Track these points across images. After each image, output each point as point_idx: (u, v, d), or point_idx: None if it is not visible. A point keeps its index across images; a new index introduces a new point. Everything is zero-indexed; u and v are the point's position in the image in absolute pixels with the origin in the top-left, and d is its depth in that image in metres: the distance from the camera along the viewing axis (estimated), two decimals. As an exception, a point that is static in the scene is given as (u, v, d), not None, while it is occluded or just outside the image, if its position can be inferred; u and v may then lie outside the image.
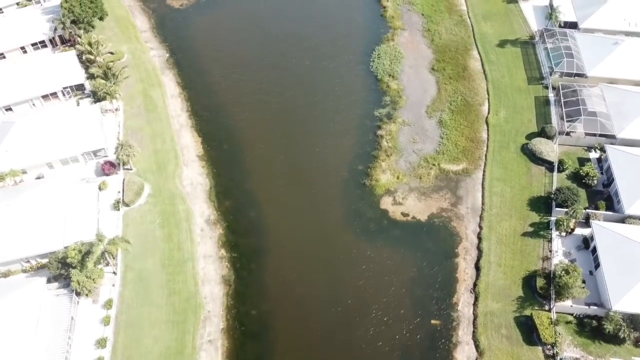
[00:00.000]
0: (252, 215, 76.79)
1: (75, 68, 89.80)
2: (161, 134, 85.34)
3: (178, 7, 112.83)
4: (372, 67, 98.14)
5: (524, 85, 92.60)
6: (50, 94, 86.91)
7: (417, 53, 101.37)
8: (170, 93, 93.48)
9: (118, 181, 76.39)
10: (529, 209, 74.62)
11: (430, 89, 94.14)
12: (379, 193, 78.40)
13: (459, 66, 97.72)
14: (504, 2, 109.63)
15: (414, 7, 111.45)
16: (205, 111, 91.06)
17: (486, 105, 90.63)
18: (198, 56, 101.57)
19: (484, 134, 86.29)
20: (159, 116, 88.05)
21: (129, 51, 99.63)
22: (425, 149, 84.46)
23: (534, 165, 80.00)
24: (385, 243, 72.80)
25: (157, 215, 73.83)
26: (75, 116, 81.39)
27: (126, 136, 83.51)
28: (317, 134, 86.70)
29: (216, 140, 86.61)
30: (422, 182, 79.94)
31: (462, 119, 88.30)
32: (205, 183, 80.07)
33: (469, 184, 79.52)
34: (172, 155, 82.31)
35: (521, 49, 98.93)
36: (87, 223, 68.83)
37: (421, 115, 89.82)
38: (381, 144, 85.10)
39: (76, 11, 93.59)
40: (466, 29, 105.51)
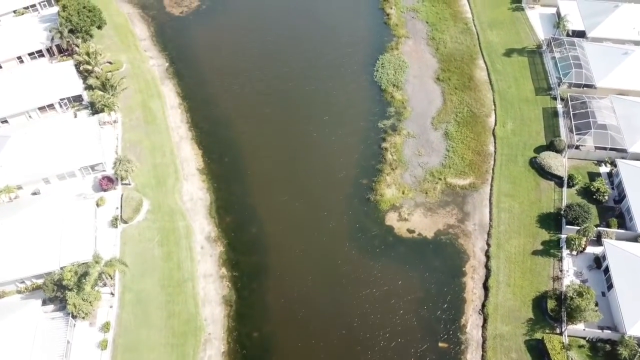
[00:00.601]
0: (254, 231, 74.81)
1: (72, 79, 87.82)
2: (161, 146, 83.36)
3: (178, 15, 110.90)
4: (375, 77, 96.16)
5: (532, 96, 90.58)
6: (47, 105, 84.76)
7: (422, 62, 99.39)
8: (170, 104, 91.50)
9: (116, 197, 74.42)
10: (539, 226, 72.58)
11: (435, 100, 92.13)
12: (384, 208, 76.39)
13: (465, 76, 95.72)
14: (510, 10, 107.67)
15: (418, 14, 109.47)
16: (205, 123, 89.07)
17: (493, 117, 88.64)
18: (198, 65, 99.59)
19: (491, 146, 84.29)
20: (158, 128, 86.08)
21: (128, 60, 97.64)
22: (430, 162, 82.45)
23: (543, 180, 77.98)
24: (391, 261, 70.81)
25: (156, 233, 71.82)
26: (72, 129, 79.41)
27: (125, 150, 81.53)
28: (320, 147, 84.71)
29: (217, 152, 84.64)
30: (428, 197, 77.94)
31: (468, 131, 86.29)
32: (205, 198, 78.08)
33: (476, 199, 77.51)
34: (171, 169, 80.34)
35: (528, 58, 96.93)
36: (84, 242, 66.84)
37: (426, 127, 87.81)
38: (386, 157, 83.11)
39: (74, 20, 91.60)
40: (472, 37, 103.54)
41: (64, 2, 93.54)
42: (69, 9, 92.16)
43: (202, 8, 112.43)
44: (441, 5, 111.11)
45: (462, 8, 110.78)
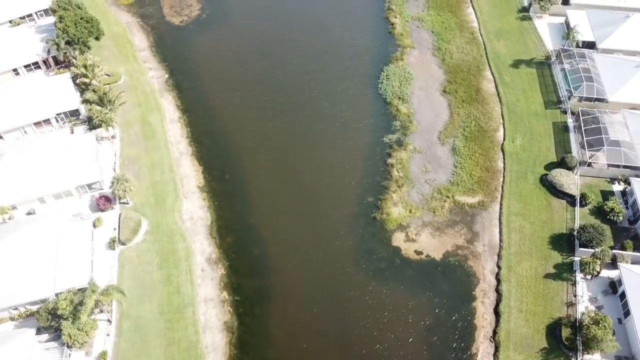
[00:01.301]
0: (256, 252, 72.34)
1: (69, 92, 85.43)
2: (160, 163, 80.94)
3: (178, 24, 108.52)
4: (380, 89, 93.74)
5: (541, 109, 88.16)
6: (42, 120, 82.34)
7: (428, 73, 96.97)
8: (169, 118, 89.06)
9: (114, 217, 72.02)
10: (551, 248, 70.14)
11: (442, 113, 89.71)
12: (391, 228, 73.96)
13: (472, 88, 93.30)
14: (517, 19, 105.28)
15: (424, 23, 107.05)
16: (206, 137, 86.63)
17: (501, 131, 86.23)
18: (198, 77, 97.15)
19: (500, 162, 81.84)
20: (157, 144, 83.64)
21: (127, 72, 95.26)
22: (438, 179, 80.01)
23: (554, 198, 75.54)
24: (399, 285, 68.37)
25: (155, 255, 69.41)
26: (68, 146, 76.94)
27: (123, 167, 79.14)
28: (324, 163, 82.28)
29: (217, 169, 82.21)
30: (436, 216, 75.51)
31: (476, 146, 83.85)
32: (206, 217, 75.61)
33: (486, 219, 75.07)
34: (171, 187, 77.90)
35: (537, 70, 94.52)
36: (80, 266, 64.45)
37: (433, 142, 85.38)
38: (392, 173, 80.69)
39: (71, 32, 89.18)
40: (478, 47, 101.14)
41: (60, 13, 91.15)
42: (66, 20, 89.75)
43: (203, 17, 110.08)
44: (447, 14, 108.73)
45: (468, 17, 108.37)
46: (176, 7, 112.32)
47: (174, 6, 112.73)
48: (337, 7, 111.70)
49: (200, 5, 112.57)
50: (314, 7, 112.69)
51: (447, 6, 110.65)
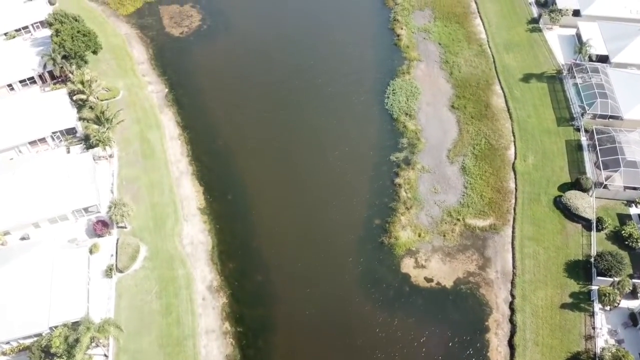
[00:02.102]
0: (259, 279, 69.51)
1: (66, 110, 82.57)
2: (159, 183, 78.05)
3: (178, 36, 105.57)
4: (387, 105, 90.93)
5: (553, 126, 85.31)
6: (38, 139, 79.43)
7: (435, 88, 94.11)
8: (169, 135, 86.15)
9: (111, 243, 69.16)
10: (567, 275, 67.33)
11: (450, 130, 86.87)
12: (399, 254, 71.14)
13: (481, 103, 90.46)
14: (527, 31, 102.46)
15: (430, 35, 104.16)
16: (207, 156, 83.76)
17: (512, 149, 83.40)
18: (199, 91, 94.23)
19: (512, 183, 78.99)
20: (157, 163, 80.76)
21: (125, 87, 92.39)
22: (448, 201, 77.16)
23: (569, 222, 72.76)
24: (409, 315, 65.53)
25: (154, 283, 66.54)
26: (64, 167, 74.05)
27: (121, 188, 76.28)
28: (329, 183, 79.43)
29: (219, 190, 79.34)
30: (446, 240, 72.68)
31: (486, 166, 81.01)
32: (207, 242, 72.75)
33: (498, 243, 72.24)
34: (171, 209, 75.03)
35: (548, 85, 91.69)
36: (76, 297, 61.62)
37: (442, 161, 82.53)
38: (399, 194, 77.86)
39: (67, 46, 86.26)
40: (487, 60, 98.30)
41: (57, 26, 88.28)
42: (63, 34, 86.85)
43: (203, 28, 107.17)
44: (454, 26, 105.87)
45: (475, 28, 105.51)
46: (176, 18, 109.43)
47: (174, 17, 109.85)
48: (342, 17, 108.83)
49: (200, 16, 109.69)
50: (317, 17, 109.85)
51: (454, 17, 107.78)
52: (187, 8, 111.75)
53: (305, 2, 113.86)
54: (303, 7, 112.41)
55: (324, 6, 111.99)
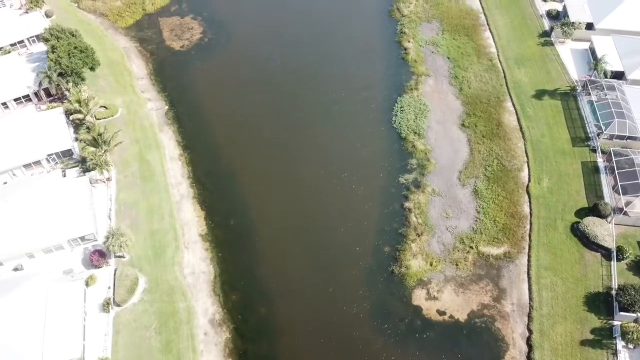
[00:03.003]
0: (263, 312, 66.41)
1: (62, 130, 79.50)
2: (159, 208, 74.95)
3: (178, 49, 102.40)
4: (394, 123, 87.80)
5: (568, 147, 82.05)
6: (33, 162, 76.28)
7: (445, 105, 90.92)
8: (169, 155, 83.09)
9: (109, 274, 66.05)
10: (586, 309, 64.12)
11: (461, 150, 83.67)
12: (410, 284, 68.04)
13: (492, 121, 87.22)
14: (539, 44, 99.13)
15: (439, 48, 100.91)
16: (208, 178, 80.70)
17: (526, 171, 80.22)
18: (200, 109, 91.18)
19: (526, 207, 75.79)
20: (156, 186, 77.66)
21: (124, 104, 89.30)
22: (460, 226, 73.99)
23: (588, 250, 69.54)
24: (421, 351, 62.46)
25: (153, 318, 63.46)
26: (60, 192, 70.98)
27: (119, 214, 73.19)
28: (337, 208, 76.29)
29: (221, 214, 76.25)
30: (459, 269, 69.52)
31: (499, 188, 77.79)
32: (208, 271, 69.67)
33: (513, 273, 69.07)
34: (171, 236, 71.93)
35: (561, 102, 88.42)
36: (72, 334, 58.51)
37: (453, 183, 79.34)
38: (410, 219, 74.71)
39: (64, 63, 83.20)
40: (497, 75, 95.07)
41: (53, 42, 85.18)
42: (59, 50, 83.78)
43: (205, 41, 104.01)
44: (462, 38, 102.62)
45: (485, 42, 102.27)
46: (177, 31, 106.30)
47: (174, 29, 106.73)
48: (347, 30, 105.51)
49: (201, 28, 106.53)
50: (322, 29, 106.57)
51: (462, 29, 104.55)
52: (188, 20, 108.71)
53: (309, 14, 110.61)
54: (307, 19, 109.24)
55: (328, 18, 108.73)
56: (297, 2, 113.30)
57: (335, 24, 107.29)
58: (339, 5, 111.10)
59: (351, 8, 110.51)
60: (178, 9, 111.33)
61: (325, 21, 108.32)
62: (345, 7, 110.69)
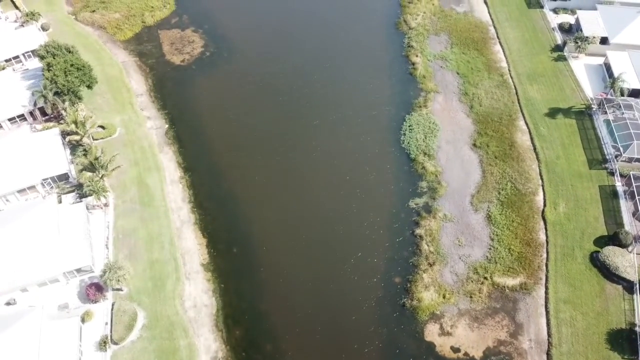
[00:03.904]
0: (269, 349, 63.21)
1: (57, 153, 76.32)
2: (159, 236, 71.73)
3: (179, 64, 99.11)
4: (403, 142, 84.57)
5: (585, 169, 78.78)
6: (27, 187, 73.07)
7: (455, 123, 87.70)
8: (169, 178, 79.84)
9: (106, 309, 62.80)
10: (609, 347, 60.91)
11: (473, 172, 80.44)
12: (423, 318, 64.81)
13: (505, 141, 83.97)
14: (551, 59, 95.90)
15: (448, 63, 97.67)
16: (210, 202, 77.46)
17: (541, 195, 76.97)
18: (202, 128, 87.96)
19: (542, 234, 72.56)
20: (156, 211, 74.45)
21: (123, 123, 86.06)
22: (473, 255, 70.78)
23: (608, 282, 66.35)
24: (434, 393, 59.18)
25: (153, 357, 60.25)
26: (55, 221, 67.68)
27: (117, 242, 69.99)
28: (345, 235, 73.08)
29: (224, 241, 73.06)
30: (473, 302, 66.32)
31: (513, 214, 74.56)
32: (211, 304, 66.45)
33: (530, 306, 65.85)
34: (171, 267, 68.72)
35: (576, 121, 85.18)
36: (66, 378, 55.25)
37: (465, 208, 76.11)
38: (421, 247, 71.51)
39: (60, 81, 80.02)
40: (509, 92, 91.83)
41: (48, 59, 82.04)
42: (55, 68, 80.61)
43: (206, 55, 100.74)
44: (472, 53, 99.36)
45: (495, 56, 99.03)
46: (177, 44, 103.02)
47: (175, 42, 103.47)
48: (353, 44, 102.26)
49: (203, 41, 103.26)
50: (327, 42, 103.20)
51: (472, 43, 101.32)
52: (189, 33, 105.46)
53: (313, 26, 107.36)
54: (311, 32, 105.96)
55: (333, 31, 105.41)
56: (300, 14, 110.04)
57: (341, 37, 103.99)
58: (344, 18, 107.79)
59: (357, 20, 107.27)
60: (178, 21, 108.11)
61: (331, 34, 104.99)
62: (351, 19, 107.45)
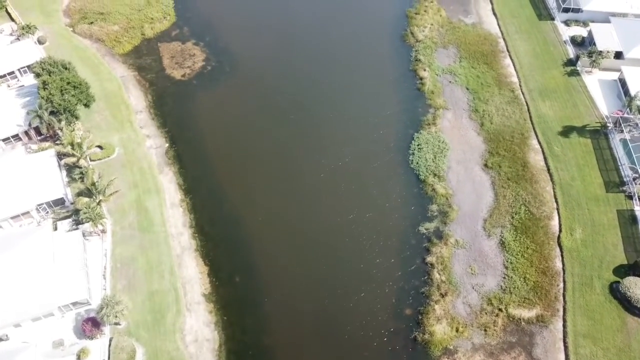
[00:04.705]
0: (274, 388, 60.23)
1: (53, 176, 73.44)
2: (159, 264, 68.79)
3: (179, 79, 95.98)
4: (412, 163, 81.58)
5: (601, 192, 75.78)
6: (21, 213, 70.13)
7: (465, 142, 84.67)
8: (170, 201, 76.86)
9: (103, 345, 59.87)
10: (632, 387, 57.92)
11: (485, 195, 77.46)
12: (435, 354, 62.04)
13: (518, 162, 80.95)
14: (564, 74, 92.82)
15: (457, 78, 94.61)
16: (212, 227, 74.53)
17: (556, 219, 74.02)
18: (203, 147, 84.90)
19: (558, 261, 69.64)
20: (156, 238, 71.49)
21: (121, 142, 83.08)
22: (487, 285, 67.85)
23: (630, 316, 63.47)
24: None
25: (152, 398, 57.28)
26: (50, 251, 64.78)
27: (115, 272, 67.08)
28: (352, 263, 70.25)
29: (226, 269, 70.16)
30: (488, 335, 63.42)
31: (528, 240, 71.62)
32: (213, 338, 63.56)
33: (547, 340, 62.94)
34: (171, 298, 65.79)
35: (591, 140, 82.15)
36: (60, 423, 52.29)
37: (477, 233, 73.14)
38: (432, 276, 68.61)
39: (55, 100, 77.16)
40: (521, 109, 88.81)
41: (44, 77, 79.11)
42: (51, 87, 77.72)
43: (207, 69, 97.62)
44: (482, 67, 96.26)
45: (505, 70, 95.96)
46: (177, 58, 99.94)
47: (175, 56, 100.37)
48: (358, 57, 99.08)
49: (204, 55, 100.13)
50: (331, 55, 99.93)
51: (481, 57, 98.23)
52: (190, 45, 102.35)
53: (317, 39, 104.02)
54: (315, 45, 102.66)
55: (339, 44, 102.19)
56: (304, 26, 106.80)
57: (346, 51, 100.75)
58: (350, 30, 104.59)
59: (362, 33, 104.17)
60: (179, 33, 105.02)
61: (336, 47, 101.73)
62: (356, 32, 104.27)
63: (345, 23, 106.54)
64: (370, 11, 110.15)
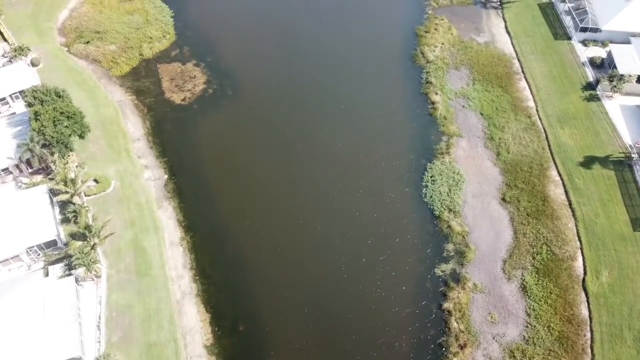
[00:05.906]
0: None
1: (45, 216, 68.92)
2: (157, 312, 64.30)
3: (179, 103, 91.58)
4: (425, 197, 77.15)
5: (628, 230, 71.34)
6: (10, 257, 65.63)
7: (481, 173, 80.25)
8: (169, 239, 72.39)
9: (97, 408, 55.33)
10: None
11: (503, 233, 73.04)
12: (455, 416, 57.32)
13: (537, 195, 76.52)
14: (583, 99, 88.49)
15: (470, 102, 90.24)
16: (214, 268, 70.05)
17: (580, 260, 69.64)
18: (205, 178, 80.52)
19: (584, 308, 65.18)
20: (154, 282, 67.02)
21: (118, 175, 78.57)
22: (508, 334, 63.38)
23: (665, 372, 58.84)
24: None
25: None
26: (41, 301, 60.29)
27: (110, 322, 62.54)
28: (363, 311, 65.66)
29: (229, 317, 65.66)
30: (511, 394, 58.82)
31: (551, 284, 67.20)
32: (216, 397, 59.02)
33: (576, 399, 58.34)
34: (171, 351, 61.31)
35: (615, 172, 77.75)
36: None
37: (497, 276, 68.71)
38: (450, 324, 64.20)
39: (48, 132, 72.68)
40: (539, 137, 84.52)
41: (36, 107, 74.56)
42: (43, 118, 73.18)
43: (209, 93, 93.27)
44: (496, 90, 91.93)
45: (521, 94, 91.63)
46: (177, 80, 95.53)
47: (175, 78, 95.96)
48: (366, 80, 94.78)
49: (205, 77, 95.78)
50: (340, 78, 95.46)
51: (495, 79, 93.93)
52: (190, 67, 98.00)
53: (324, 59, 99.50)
54: (321, 67, 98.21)
55: (346, 64, 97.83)
56: (310, 46, 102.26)
57: (354, 72, 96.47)
58: (357, 51, 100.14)
59: (371, 53, 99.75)
60: (179, 53, 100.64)
61: (343, 68, 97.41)
62: (365, 52, 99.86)
63: (352, 43, 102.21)
64: (378, 30, 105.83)
